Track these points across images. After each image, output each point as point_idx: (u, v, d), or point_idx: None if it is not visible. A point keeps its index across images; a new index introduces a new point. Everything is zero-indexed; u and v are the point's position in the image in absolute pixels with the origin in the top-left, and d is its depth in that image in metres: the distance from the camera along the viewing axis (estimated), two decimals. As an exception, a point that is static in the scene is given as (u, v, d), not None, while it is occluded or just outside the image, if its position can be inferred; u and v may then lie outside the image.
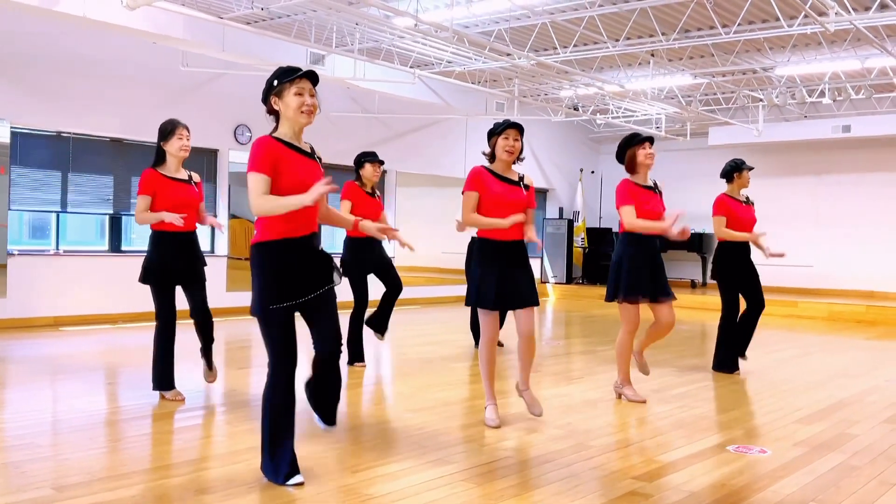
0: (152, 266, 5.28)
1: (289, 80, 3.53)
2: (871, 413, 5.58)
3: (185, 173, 5.37)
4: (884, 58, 10.38)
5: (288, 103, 3.53)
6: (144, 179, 5.20)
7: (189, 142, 5.30)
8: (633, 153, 5.64)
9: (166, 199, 5.19)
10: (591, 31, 10.01)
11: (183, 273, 5.34)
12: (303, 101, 3.53)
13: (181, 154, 5.27)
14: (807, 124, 14.98)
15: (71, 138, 9.74)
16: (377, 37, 10.29)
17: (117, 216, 10.32)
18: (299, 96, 3.53)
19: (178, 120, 5.35)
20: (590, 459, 4.20)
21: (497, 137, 4.80)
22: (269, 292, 3.50)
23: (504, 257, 4.79)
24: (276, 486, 3.59)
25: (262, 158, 3.45)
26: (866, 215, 15.24)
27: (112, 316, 9.85)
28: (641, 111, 14.76)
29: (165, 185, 5.22)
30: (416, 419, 5.08)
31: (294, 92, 3.53)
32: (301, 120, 3.56)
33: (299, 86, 3.54)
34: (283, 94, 3.54)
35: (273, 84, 3.56)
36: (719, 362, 7.14)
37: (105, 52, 9.84)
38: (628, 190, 5.57)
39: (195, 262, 5.41)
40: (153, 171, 5.25)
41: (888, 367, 7.92)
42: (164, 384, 5.39)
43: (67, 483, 3.58)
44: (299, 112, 3.53)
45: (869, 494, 3.74)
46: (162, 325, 5.38)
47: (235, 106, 11.19)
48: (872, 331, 11.47)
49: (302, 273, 3.55)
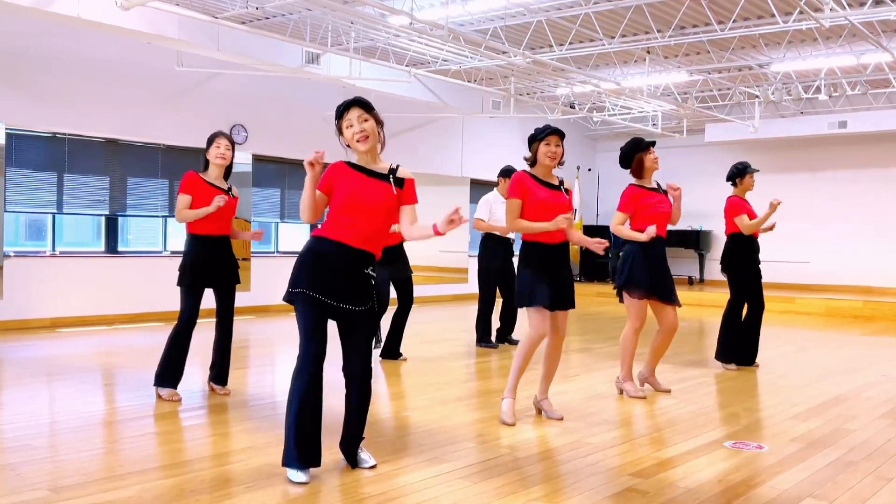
0: (183, 266, 5.45)
1: (339, 118, 3.85)
2: (868, 409, 5.59)
3: (225, 184, 5.55)
4: (879, 53, 10.39)
5: (346, 137, 3.84)
6: (185, 180, 5.41)
7: (228, 151, 5.50)
8: (640, 158, 5.79)
9: (202, 202, 5.39)
10: (587, 28, 10.01)
11: (215, 275, 5.50)
12: (353, 131, 3.79)
13: (218, 162, 5.46)
14: (803, 120, 15.00)
15: (66, 139, 9.73)
16: (373, 35, 10.28)
17: (113, 217, 10.30)
18: (350, 128, 3.81)
19: (221, 131, 5.64)
20: (587, 456, 4.21)
21: (539, 143, 4.90)
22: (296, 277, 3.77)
23: (552, 259, 4.90)
24: (274, 485, 3.59)
25: (325, 176, 3.79)
26: (863, 211, 15.27)
27: (109, 317, 9.84)
28: (638, 108, 14.76)
29: (204, 189, 5.41)
30: (414, 417, 5.08)
31: (345, 126, 3.82)
32: (359, 147, 3.82)
33: (347, 119, 3.81)
34: (342, 130, 3.85)
35: (336, 124, 3.88)
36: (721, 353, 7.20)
37: (100, 53, 9.83)
38: (632, 197, 5.78)
39: (229, 266, 5.58)
40: (194, 173, 5.45)
41: (885, 363, 7.93)
42: (166, 381, 5.43)
43: (64, 484, 3.57)
44: (355, 142, 3.81)
45: (865, 489, 3.74)
46: (182, 324, 5.45)
47: (231, 105, 11.17)
48: (869, 326, 11.48)
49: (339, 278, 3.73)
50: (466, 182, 15.07)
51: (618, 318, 11.48)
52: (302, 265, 3.78)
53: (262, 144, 11.35)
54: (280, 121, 11.71)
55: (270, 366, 7.38)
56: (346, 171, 3.81)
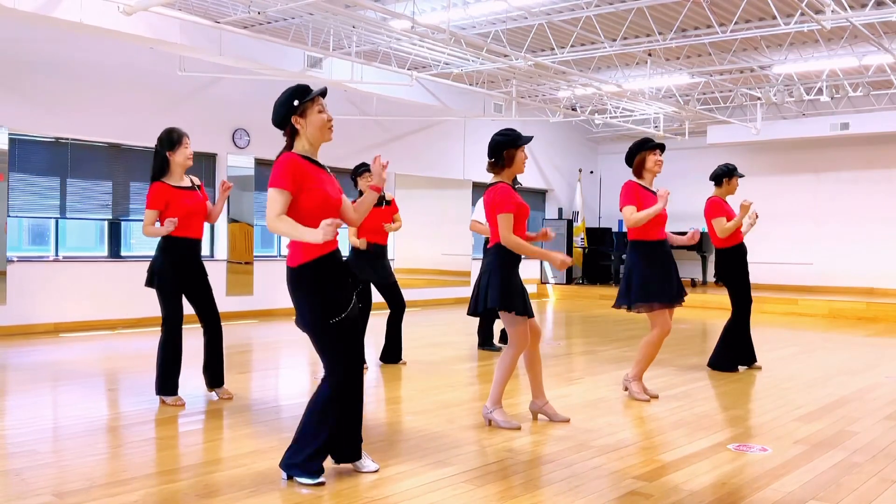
0: (159, 271, 5.32)
1: (310, 99, 3.65)
2: (872, 410, 5.58)
3: (187, 180, 5.42)
4: (881, 55, 10.38)
5: (313, 121, 3.65)
6: (154, 193, 5.22)
7: (191, 150, 5.37)
8: (642, 157, 5.78)
9: (177, 209, 5.23)
10: (589, 31, 10.02)
11: (189, 279, 5.39)
12: (326, 117, 3.67)
13: (188, 163, 5.32)
14: (805, 122, 14.99)
15: (69, 144, 9.75)
16: (374, 39, 10.30)
17: (116, 222, 10.32)
18: (322, 113, 3.66)
19: (179, 128, 5.40)
20: (591, 460, 4.20)
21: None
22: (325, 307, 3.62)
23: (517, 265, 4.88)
24: (276, 490, 3.59)
25: (285, 175, 3.54)
26: (865, 212, 15.25)
27: (112, 322, 9.85)
28: (639, 111, 14.77)
29: (175, 196, 5.25)
30: (417, 421, 5.08)
31: (318, 110, 3.66)
32: (326, 136, 3.70)
33: (321, 104, 3.68)
34: (308, 112, 3.64)
35: (294, 104, 3.64)
36: (719, 361, 7.16)
37: (102, 58, 9.85)
38: (632, 191, 5.70)
39: (201, 269, 5.46)
40: (162, 184, 5.26)
41: (888, 364, 7.92)
42: (167, 389, 5.40)
43: (68, 490, 3.58)
44: (326, 129, 3.68)
45: (869, 492, 3.74)
46: (168, 330, 5.39)
47: (233, 110, 11.20)
48: (873, 327, 11.46)
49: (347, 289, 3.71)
50: (469, 185, 15.08)
51: (620, 321, 11.47)
52: (315, 293, 3.63)
53: (264, 148, 11.36)
54: (282, 125, 11.70)
55: (274, 370, 7.38)
56: (311, 168, 3.64)
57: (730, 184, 7.15)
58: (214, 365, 5.58)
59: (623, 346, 8.76)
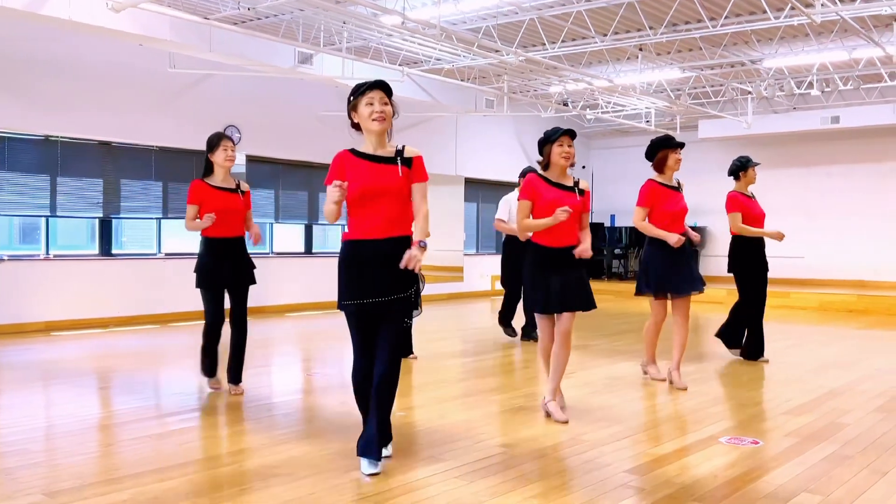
0: (196, 268, 5.59)
1: (360, 94, 3.85)
2: (862, 402, 5.60)
3: (233, 182, 5.66)
4: (871, 48, 10.41)
5: (361, 114, 3.86)
6: (192, 190, 5.54)
7: (234, 152, 5.64)
8: (664, 155, 5.96)
9: (211, 207, 5.48)
10: (579, 26, 10.01)
11: (227, 277, 5.58)
12: (373, 109, 3.82)
13: (227, 164, 5.57)
14: (796, 116, 15.03)
15: (59, 142, 9.71)
16: (365, 35, 10.27)
17: (107, 220, 10.28)
18: (369, 105, 3.83)
19: (222, 132, 5.73)
20: (584, 453, 4.21)
21: (551, 145, 4.90)
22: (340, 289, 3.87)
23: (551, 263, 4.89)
24: (268, 487, 3.59)
25: (329, 172, 3.87)
26: (856, 206, 15.31)
27: (104, 320, 9.82)
28: (631, 105, 14.78)
29: (210, 195, 5.52)
30: (409, 417, 5.08)
31: (365, 103, 3.84)
32: (373, 127, 3.84)
33: (369, 96, 3.84)
34: (358, 107, 3.87)
35: (350, 100, 3.90)
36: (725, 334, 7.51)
37: (92, 55, 9.81)
38: (650, 192, 5.94)
39: (241, 267, 5.65)
40: (200, 181, 5.57)
41: (879, 356, 7.96)
42: (208, 372, 5.78)
43: (59, 489, 3.57)
44: (371, 120, 3.83)
45: (860, 483, 3.76)
46: (207, 325, 5.68)
47: (224, 106, 11.15)
48: (863, 320, 11.52)
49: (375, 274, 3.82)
50: (461, 181, 15.07)
51: (614, 315, 11.49)
52: (340, 275, 3.87)
53: (255, 145, 11.33)
54: (273, 121, 11.69)
55: (265, 367, 7.36)
56: (353, 161, 3.87)
57: (746, 175, 7.25)
58: (235, 363, 5.75)
59: (615, 341, 8.78)
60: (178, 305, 10.18)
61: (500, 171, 15.80)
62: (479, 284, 15.61)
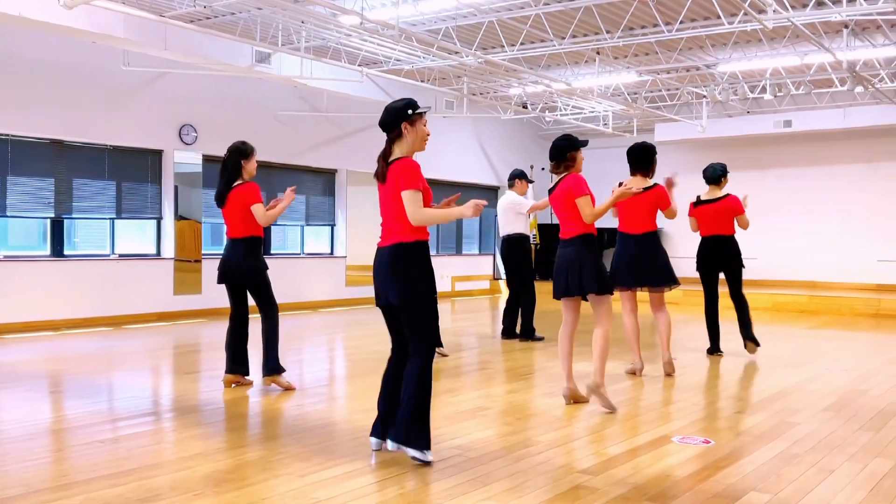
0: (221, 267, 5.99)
1: (422, 114, 4.10)
2: (812, 402, 5.73)
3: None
4: (822, 54, 10.64)
5: (419, 131, 4.08)
6: (257, 190, 5.92)
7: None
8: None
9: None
10: (538, 29, 10.08)
11: (226, 275, 5.93)
12: (427, 130, 4.13)
13: (254, 173, 6.04)
14: (749, 120, 15.32)
15: (9, 140, 9.49)
16: (324, 35, 10.22)
17: (59, 220, 10.08)
18: (425, 126, 4.11)
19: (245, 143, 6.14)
20: (537, 455, 4.24)
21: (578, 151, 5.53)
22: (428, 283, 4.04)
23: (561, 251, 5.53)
24: (222, 493, 3.55)
25: (419, 177, 3.99)
26: (807, 208, 15.65)
27: (55, 322, 9.62)
28: (589, 108, 14.91)
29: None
30: (366, 420, 5.05)
31: (424, 122, 4.10)
32: (422, 147, 4.13)
33: (425, 119, 4.12)
34: (416, 123, 4.07)
35: (409, 112, 4.05)
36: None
37: (43, 53, 9.61)
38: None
39: (237, 266, 5.91)
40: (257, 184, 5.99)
41: (828, 356, 8.14)
42: (230, 369, 6.03)
43: (5, 496, 3.49)
44: (424, 141, 4.12)
45: (808, 482, 3.84)
46: (230, 320, 6.07)
47: (180, 106, 11.00)
48: (815, 320, 11.77)
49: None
50: (420, 182, 15.04)
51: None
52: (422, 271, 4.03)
53: (212, 144, 11.19)
54: (231, 120, 11.55)
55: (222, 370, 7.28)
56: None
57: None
58: (265, 356, 5.95)
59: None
60: (132, 307, 10.00)
61: (460, 172, 15.83)
62: (440, 285, 15.60)
